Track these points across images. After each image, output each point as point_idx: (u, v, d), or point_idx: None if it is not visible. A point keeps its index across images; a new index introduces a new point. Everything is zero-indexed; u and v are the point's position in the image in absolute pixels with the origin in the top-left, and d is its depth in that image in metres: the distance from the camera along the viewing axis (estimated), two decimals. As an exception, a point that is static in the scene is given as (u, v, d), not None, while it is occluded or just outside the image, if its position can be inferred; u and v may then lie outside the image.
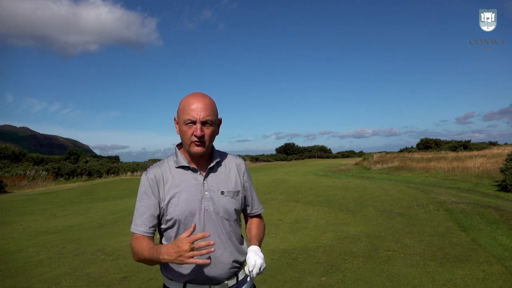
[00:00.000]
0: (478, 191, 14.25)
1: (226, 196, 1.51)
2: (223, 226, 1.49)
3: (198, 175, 1.51)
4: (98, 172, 29.37)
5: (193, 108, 1.42)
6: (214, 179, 1.52)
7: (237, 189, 1.56)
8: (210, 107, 1.45)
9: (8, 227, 8.46)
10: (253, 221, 1.67)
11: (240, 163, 1.63)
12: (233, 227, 1.54)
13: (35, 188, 21.64)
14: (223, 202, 1.50)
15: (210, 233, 1.37)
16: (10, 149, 33.49)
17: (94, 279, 4.20)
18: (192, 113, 1.41)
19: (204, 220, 1.46)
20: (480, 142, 45.32)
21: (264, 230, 1.69)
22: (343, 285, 3.82)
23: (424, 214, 7.47)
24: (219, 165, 1.57)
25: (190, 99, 1.45)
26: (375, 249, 5.04)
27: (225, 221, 1.50)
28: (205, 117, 1.42)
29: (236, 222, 1.57)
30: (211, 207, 1.48)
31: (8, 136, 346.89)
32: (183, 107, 1.45)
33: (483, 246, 5.07)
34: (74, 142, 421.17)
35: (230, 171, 1.58)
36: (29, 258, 5.30)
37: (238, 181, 1.58)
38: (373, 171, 26.50)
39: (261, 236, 1.62)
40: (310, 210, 8.25)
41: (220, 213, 1.49)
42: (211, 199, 1.48)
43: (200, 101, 1.43)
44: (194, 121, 1.42)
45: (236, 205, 1.54)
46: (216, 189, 1.51)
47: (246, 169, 1.65)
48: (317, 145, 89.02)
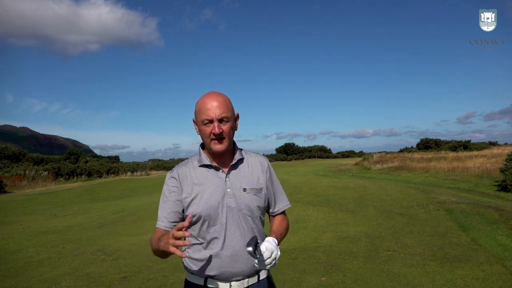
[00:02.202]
0: (478, 191, 14.24)
1: (248, 193, 1.53)
2: (245, 223, 1.51)
3: (220, 173, 1.54)
4: (98, 172, 29.37)
5: (208, 108, 1.47)
6: (237, 176, 1.55)
7: (260, 187, 1.57)
8: (225, 104, 1.49)
9: (8, 227, 8.46)
10: (275, 218, 1.67)
11: (264, 161, 1.64)
12: (256, 224, 1.55)
13: (35, 188, 21.64)
14: (246, 199, 1.52)
15: (190, 234, 1.35)
16: (10, 149, 33.50)
17: (94, 279, 4.20)
18: (208, 112, 1.46)
19: (227, 217, 1.49)
20: (480, 142, 45.35)
21: (287, 227, 1.67)
22: (343, 285, 3.82)
23: (424, 214, 7.47)
24: (241, 163, 1.59)
25: (205, 99, 1.50)
26: (375, 249, 5.04)
27: (248, 217, 1.52)
28: (221, 115, 1.47)
29: (259, 219, 1.57)
30: (234, 204, 1.50)
31: (8, 136, 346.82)
32: (199, 108, 1.50)
33: (483, 246, 5.07)
34: (74, 142, 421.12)
35: (253, 169, 1.60)
36: (29, 258, 5.30)
37: (261, 179, 1.59)
38: (373, 171, 26.50)
39: (280, 231, 1.59)
40: (310, 210, 8.25)
41: (242, 209, 1.51)
42: (234, 195, 1.51)
43: (215, 100, 1.48)
44: (211, 119, 1.47)
45: (258, 202, 1.55)
46: (238, 186, 1.53)
47: (270, 167, 1.66)
48: (317, 145, 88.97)
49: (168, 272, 4.39)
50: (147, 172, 36.16)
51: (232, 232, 1.48)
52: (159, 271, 4.42)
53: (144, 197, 14.56)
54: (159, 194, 1.59)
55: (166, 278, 4.18)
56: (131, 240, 6.30)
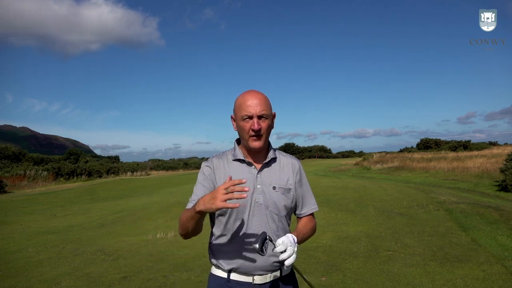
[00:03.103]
0: (478, 191, 14.24)
1: (277, 191, 1.55)
2: (271, 220, 1.53)
3: (252, 169, 1.57)
4: (98, 172, 29.38)
5: (249, 104, 1.50)
6: (268, 174, 1.58)
7: (289, 187, 1.59)
8: (264, 102, 1.53)
9: (8, 227, 8.46)
10: (301, 220, 1.69)
11: (295, 163, 1.67)
12: (282, 223, 1.56)
13: (35, 188, 21.64)
14: (274, 196, 1.54)
15: (247, 180, 1.36)
16: (10, 149, 33.50)
17: (94, 279, 4.20)
18: (248, 108, 1.50)
19: (254, 212, 1.52)
20: (480, 142, 45.35)
21: (312, 229, 1.67)
22: (343, 285, 3.82)
23: (424, 214, 7.47)
24: (274, 162, 1.62)
25: (246, 95, 1.54)
26: (375, 249, 5.04)
27: (274, 215, 1.54)
28: (261, 111, 1.50)
29: (285, 218, 1.59)
30: (261, 200, 1.53)
31: (8, 136, 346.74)
32: (239, 104, 1.54)
33: (483, 246, 5.07)
34: (74, 142, 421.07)
35: (284, 169, 1.62)
36: (29, 258, 5.30)
37: (291, 180, 1.61)
38: (373, 171, 26.49)
39: (303, 231, 1.59)
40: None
41: (269, 207, 1.53)
42: (263, 192, 1.54)
43: (255, 97, 1.52)
44: (251, 116, 1.50)
45: (286, 201, 1.56)
46: (268, 184, 1.55)
47: (301, 170, 1.68)
48: (317, 145, 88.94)
49: (168, 272, 4.39)
50: (147, 172, 36.18)
51: (257, 228, 1.51)
52: (159, 271, 4.42)
53: (144, 197, 14.55)
54: (159, 194, 1.59)
55: (166, 278, 4.18)
56: (131, 240, 6.30)
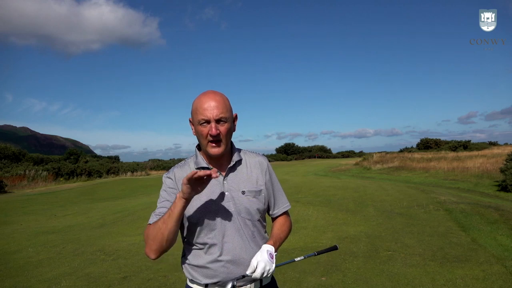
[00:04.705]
0: (478, 191, 14.24)
1: (247, 195, 1.48)
2: (245, 227, 1.46)
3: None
4: (98, 172, 29.38)
5: (205, 107, 1.40)
6: (235, 178, 1.49)
7: (259, 188, 1.51)
8: (222, 104, 1.42)
9: (8, 227, 8.47)
10: (277, 221, 1.63)
11: (263, 161, 1.58)
12: (256, 227, 1.50)
13: (35, 188, 21.64)
14: (245, 202, 1.47)
15: (217, 173, 1.31)
16: (10, 149, 33.49)
17: (94, 279, 4.20)
18: (205, 112, 1.39)
19: (225, 221, 1.43)
20: (480, 142, 45.35)
21: (289, 229, 1.62)
22: (343, 285, 3.82)
23: (424, 214, 7.47)
24: (239, 164, 1.53)
25: (202, 98, 1.43)
26: (375, 249, 5.04)
27: (247, 221, 1.47)
28: (219, 115, 1.40)
29: (259, 222, 1.53)
30: (232, 207, 1.45)
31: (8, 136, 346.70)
32: (195, 107, 1.43)
33: (483, 246, 5.07)
34: (74, 142, 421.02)
35: (251, 170, 1.54)
36: (29, 258, 5.30)
37: (261, 180, 1.53)
38: (373, 171, 26.48)
39: (280, 235, 1.55)
40: (310, 210, 8.24)
41: (241, 213, 1.46)
42: (232, 199, 1.46)
43: (212, 99, 1.41)
44: (208, 120, 1.40)
45: (258, 204, 1.50)
46: (236, 189, 1.47)
47: (269, 167, 1.60)
48: (317, 145, 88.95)
49: (168, 272, 4.39)
50: (147, 172, 36.16)
51: (231, 237, 1.43)
52: (159, 271, 4.42)
53: (144, 197, 14.56)
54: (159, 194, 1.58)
55: (166, 278, 4.18)
56: (131, 240, 6.30)
